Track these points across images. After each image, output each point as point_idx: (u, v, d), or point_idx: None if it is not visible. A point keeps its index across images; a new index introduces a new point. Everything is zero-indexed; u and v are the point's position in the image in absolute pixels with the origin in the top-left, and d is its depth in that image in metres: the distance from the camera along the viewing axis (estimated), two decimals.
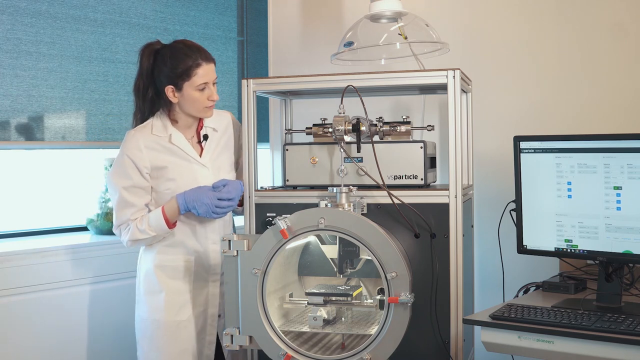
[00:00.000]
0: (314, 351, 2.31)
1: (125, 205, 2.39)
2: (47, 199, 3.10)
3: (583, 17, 2.90)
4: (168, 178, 2.42)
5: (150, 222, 2.37)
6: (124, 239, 2.42)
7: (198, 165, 2.46)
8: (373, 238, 2.16)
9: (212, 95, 2.40)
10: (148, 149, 2.40)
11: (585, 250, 2.21)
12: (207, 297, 2.51)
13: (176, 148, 2.43)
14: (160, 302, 2.43)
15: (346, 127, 2.39)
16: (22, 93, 2.85)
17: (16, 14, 2.83)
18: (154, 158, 2.40)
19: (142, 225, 2.37)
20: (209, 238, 2.49)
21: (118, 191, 2.38)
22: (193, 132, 2.50)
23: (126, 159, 2.38)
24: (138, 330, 2.49)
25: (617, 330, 1.89)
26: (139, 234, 2.38)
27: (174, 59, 2.36)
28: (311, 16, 3.46)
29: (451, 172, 2.37)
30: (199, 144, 2.50)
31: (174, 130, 2.44)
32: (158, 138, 2.42)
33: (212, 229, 2.50)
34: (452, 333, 2.36)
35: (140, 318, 2.48)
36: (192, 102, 2.39)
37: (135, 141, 2.39)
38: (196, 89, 2.37)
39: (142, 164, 2.38)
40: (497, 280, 2.72)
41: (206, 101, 2.40)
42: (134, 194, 2.39)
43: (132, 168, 2.38)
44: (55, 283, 2.75)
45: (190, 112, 2.43)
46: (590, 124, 2.86)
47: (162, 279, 2.44)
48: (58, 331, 2.75)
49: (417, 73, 2.46)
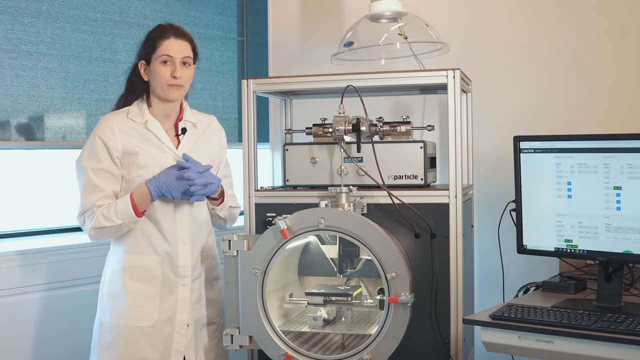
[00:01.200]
0: (314, 351, 2.32)
1: (92, 189, 2.26)
2: (47, 199, 3.10)
3: (583, 17, 2.90)
4: (140, 165, 2.29)
5: (117, 209, 2.23)
6: (87, 226, 2.27)
7: (173, 156, 2.33)
8: (373, 238, 2.16)
9: (175, 71, 2.28)
10: (121, 132, 2.28)
11: (585, 250, 2.21)
12: (175, 303, 2.32)
13: (151, 135, 2.32)
14: (123, 306, 2.28)
15: (346, 127, 2.39)
16: (23, 93, 2.85)
17: (16, 14, 2.83)
18: (127, 142, 2.29)
19: (108, 212, 2.23)
20: (178, 237, 2.33)
21: (86, 174, 2.26)
22: (171, 124, 2.39)
23: (97, 141, 2.27)
24: (95, 336, 2.34)
25: (617, 330, 1.89)
26: (104, 221, 2.23)
27: (149, 33, 2.34)
28: (311, 16, 3.46)
29: (451, 172, 2.37)
30: (177, 137, 2.39)
31: (150, 117, 2.34)
32: (133, 123, 2.31)
33: (182, 226, 2.34)
34: (452, 333, 2.36)
35: (100, 323, 2.32)
36: (155, 77, 2.29)
37: (108, 124, 2.29)
38: (160, 62, 2.29)
39: (113, 146, 2.27)
40: (497, 280, 2.72)
41: (169, 77, 2.28)
42: (102, 178, 2.27)
43: (103, 150, 2.26)
44: (55, 283, 2.75)
45: (156, 91, 2.32)
46: (590, 124, 2.86)
47: (127, 281, 2.29)
48: (61, 331, 2.75)
49: (417, 73, 2.46)
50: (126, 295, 2.29)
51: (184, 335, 2.33)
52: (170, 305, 2.32)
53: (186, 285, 2.34)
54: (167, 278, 2.32)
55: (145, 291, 2.30)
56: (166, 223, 2.32)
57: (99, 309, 2.36)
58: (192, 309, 2.36)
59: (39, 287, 2.70)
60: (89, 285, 2.81)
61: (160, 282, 2.31)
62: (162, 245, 2.32)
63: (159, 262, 2.31)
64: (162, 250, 2.32)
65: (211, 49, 3.52)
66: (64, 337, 2.75)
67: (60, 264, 2.76)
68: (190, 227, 2.36)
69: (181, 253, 2.33)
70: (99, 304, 2.36)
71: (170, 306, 2.32)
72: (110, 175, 2.29)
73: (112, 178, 2.29)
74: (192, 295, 2.36)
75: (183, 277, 2.34)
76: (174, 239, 2.33)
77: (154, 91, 2.34)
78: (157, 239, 2.31)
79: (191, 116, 2.44)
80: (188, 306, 2.34)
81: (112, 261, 2.36)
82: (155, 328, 2.29)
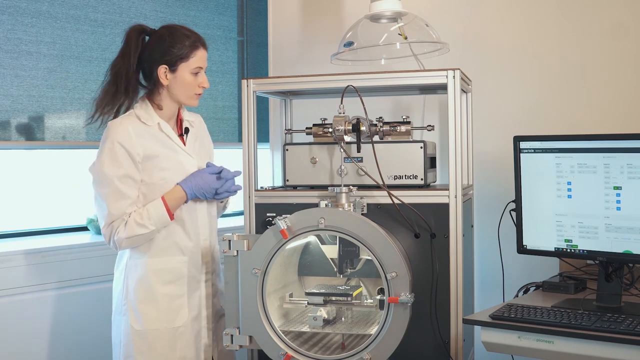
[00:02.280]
0: (314, 351, 2.32)
1: (119, 196, 2.22)
2: (47, 199, 3.10)
3: (583, 16, 2.90)
4: (161, 168, 2.28)
5: (150, 214, 2.23)
6: (121, 236, 2.21)
7: (185, 156, 2.36)
8: (373, 238, 2.16)
9: (204, 82, 2.34)
10: (139, 136, 2.26)
11: (585, 250, 2.21)
12: (199, 300, 2.39)
13: (165, 137, 2.33)
14: (156, 310, 2.29)
15: (346, 127, 2.39)
16: (23, 93, 2.85)
17: (17, 14, 2.83)
18: (146, 146, 2.27)
19: (141, 219, 2.22)
20: (200, 235, 2.39)
21: (111, 182, 2.21)
22: (174, 124, 2.40)
23: (117, 147, 2.22)
24: (124, 344, 2.31)
25: (617, 330, 1.89)
26: (137, 228, 2.21)
27: (173, 37, 2.28)
28: (311, 16, 3.47)
29: (451, 172, 2.37)
30: (180, 136, 2.40)
31: (161, 119, 2.33)
32: (146, 127, 2.29)
33: (203, 224, 2.40)
34: (452, 333, 2.36)
35: (130, 330, 2.29)
36: (183, 85, 2.30)
37: (123, 128, 2.24)
38: (191, 72, 2.30)
39: (134, 150, 2.23)
40: (497, 280, 2.72)
41: (197, 87, 2.33)
42: (127, 185, 2.23)
43: (125, 156, 2.23)
44: (55, 283, 2.75)
45: (179, 97, 2.32)
46: (590, 124, 2.86)
47: (157, 285, 2.30)
48: (64, 330, 2.75)
49: (417, 73, 2.46)
50: (158, 299, 2.31)
51: (210, 329, 2.43)
52: (196, 302, 2.39)
53: (208, 280, 2.42)
54: (192, 276, 2.38)
55: (174, 292, 2.33)
56: (190, 222, 2.37)
57: (123, 316, 2.32)
58: (212, 302, 2.44)
59: (41, 286, 2.70)
60: (91, 285, 2.82)
61: (186, 281, 2.36)
62: (187, 244, 2.36)
63: (186, 262, 2.35)
64: (187, 249, 2.36)
65: (211, 49, 3.48)
66: (67, 336, 2.75)
67: (62, 263, 2.77)
68: (210, 224, 2.44)
69: (203, 250, 2.40)
70: (123, 311, 2.32)
71: (196, 303, 2.39)
72: (132, 181, 2.26)
73: (134, 183, 2.27)
74: (212, 289, 2.44)
75: (205, 274, 2.41)
76: (196, 237, 2.39)
77: (174, 97, 2.33)
78: (182, 239, 2.36)
79: (187, 115, 2.47)
80: (209, 301, 2.43)
81: (134, 266, 2.32)
82: (186, 327, 2.35)
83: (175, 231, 2.34)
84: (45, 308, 2.72)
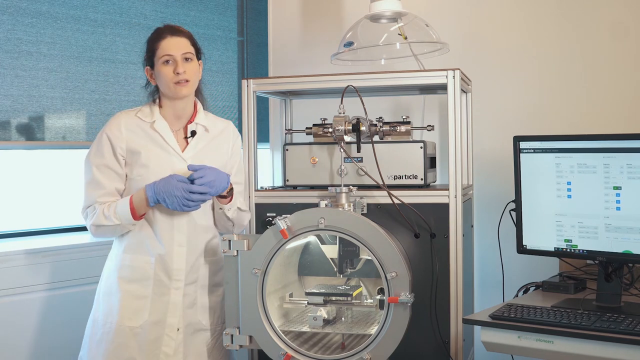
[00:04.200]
0: (314, 351, 2.32)
1: (95, 185, 2.29)
2: (47, 199, 3.10)
3: (583, 16, 2.90)
4: (141, 164, 2.29)
5: (117, 209, 2.26)
6: (89, 222, 2.30)
7: (178, 158, 2.32)
8: (373, 238, 2.17)
9: (178, 68, 2.28)
10: (128, 130, 2.31)
11: (585, 250, 2.21)
12: (167, 306, 2.30)
13: (157, 135, 2.32)
14: (115, 304, 2.29)
15: (346, 127, 2.39)
16: (23, 93, 2.85)
17: (17, 14, 2.83)
18: (131, 141, 2.30)
19: (108, 212, 2.26)
20: (174, 239, 2.31)
21: (91, 170, 2.30)
22: (181, 125, 2.38)
23: (104, 137, 2.31)
24: (87, 332, 2.36)
25: (616, 330, 1.89)
26: (104, 219, 2.26)
27: (149, 38, 2.36)
28: (311, 16, 3.47)
29: (451, 172, 2.37)
30: (185, 139, 2.38)
31: (159, 117, 2.35)
32: (140, 122, 2.33)
33: (179, 229, 2.32)
34: (452, 333, 2.36)
35: (93, 319, 2.35)
36: (160, 78, 2.31)
37: (116, 121, 2.33)
38: (162, 63, 2.30)
39: (118, 143, 2.29)
40: (496, 280, 2.72)
41: (173, 75, 2.28)
42: (104, 175, 2.29)
43: (108, 147, 2.29)
44: (55, 283, 2.75)
45: (164, 91, 2.33)
46: (590, 124, 2.86)
47: (120, 280, 2.30)
48: (64, 330, 2.75)
49: (417, 73, 2.47)
50: (118, 294, 2.29)
51: (173, 339, 2.31)
52: (161, 307, 2.30)
53: (179, 289, 2.32)
54: (159, 280, 2.30)
55: (136, 291, 2.30)
56: (162, 226, 2.31)
57: (94, 305, 2.38)
58: (184, 313, 2.33)
59: (42, 286, 2.70)
60: (91, 285, 2.81)
61: (152, 283, 2.30)
62: (157, 247, 2.30)
63: (152, 263, 2.30)
64: (156, 252, 2.30)
65: (211, 49, 3.51)
66: (66, 336, 2.75)
67: (63, 263, 2.77)
68: (188, 231, 2.33)
69: (176, 256, 2.31)
70: (94, 301, 2.39)
71: (161, 309, 2.30)
72: (113, 172, 2.30)
73: (115, 175, 2.31)
74: (185, 299, 2.33)
75: (176, 281, 2.31)
76: (169, 241, 2.31)
77: (163, 92, 2.35)
78: (152, 241, 2.31)
79: (204, 119, 2.41)
80: (180, 310, 2.32)
81: (110, 260, 2.39)
82: (144, 329, 2.28)
83: (146, 231, 2.32)
84: (45, 308, 2.72)
